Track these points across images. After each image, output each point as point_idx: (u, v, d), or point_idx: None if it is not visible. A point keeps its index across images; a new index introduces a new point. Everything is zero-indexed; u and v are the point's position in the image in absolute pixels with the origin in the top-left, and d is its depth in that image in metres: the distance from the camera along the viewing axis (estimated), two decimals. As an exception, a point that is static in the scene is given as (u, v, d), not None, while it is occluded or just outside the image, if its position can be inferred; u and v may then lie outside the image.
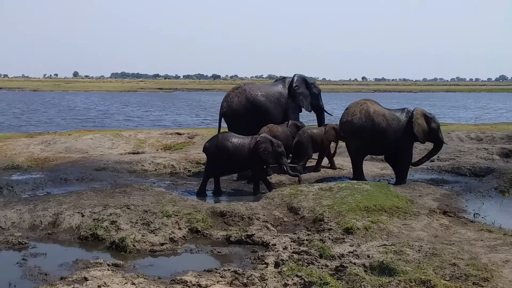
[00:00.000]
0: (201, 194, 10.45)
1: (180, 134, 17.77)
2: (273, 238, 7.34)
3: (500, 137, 17.27)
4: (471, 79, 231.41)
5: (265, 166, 10.98)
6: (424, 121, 11.29)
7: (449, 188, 11.00)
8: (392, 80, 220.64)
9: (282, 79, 13.58)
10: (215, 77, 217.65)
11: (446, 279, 5.51)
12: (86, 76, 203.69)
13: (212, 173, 10.68)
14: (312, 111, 13.80)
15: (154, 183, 11.35)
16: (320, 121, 13.90)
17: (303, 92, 13.19)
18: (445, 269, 5.79)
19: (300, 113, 13.52)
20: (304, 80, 13.32)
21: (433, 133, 11.47)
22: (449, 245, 6.73)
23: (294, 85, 12.98)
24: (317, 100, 13.60)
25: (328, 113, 14.53)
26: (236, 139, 10.60)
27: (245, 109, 12.52)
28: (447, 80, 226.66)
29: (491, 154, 14.61)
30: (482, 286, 5.35)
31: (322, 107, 13.92)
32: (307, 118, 17.20)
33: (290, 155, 12.44)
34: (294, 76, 13.27)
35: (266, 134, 10.85)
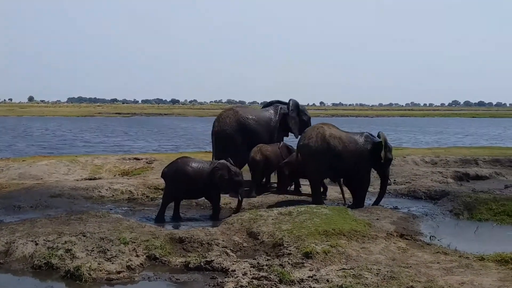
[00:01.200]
0: (159, 220, 10.31)
1: (138, 159, 17.55)
2: (233, 264, 7.28)
3: (454, 160, 17.72)
4: (425, 104, 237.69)
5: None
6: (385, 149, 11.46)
7: (405, 211, 11.18)
8: (349, 105, 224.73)
9: (274, 104, 14.06)
10: (174, 101, 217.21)
11: (404, 302, 5.55)
12: (42, 101, 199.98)
13: (171, 199, 10.57)
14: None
15: (111, 209, 11.15)
16: None
17: (295, 118, 13.73)
18: (403, 292, 5.84)
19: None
20: (296, 106, 13.88)
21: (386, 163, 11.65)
22: (407, 268, 6.81)
23: (290, 109, 13.56)
24: (306, 126, 13.72)
25: None
26: (196, 164, 10.54)
27: (235, 130, 13.01)
28: (403, 105, 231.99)
29: (446, 178, 14.97)
30: (439, 308, 5.42)
31: None
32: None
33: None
34: (290, 100, 13.82)
35: (225, 161, 10.75)
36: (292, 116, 13.66)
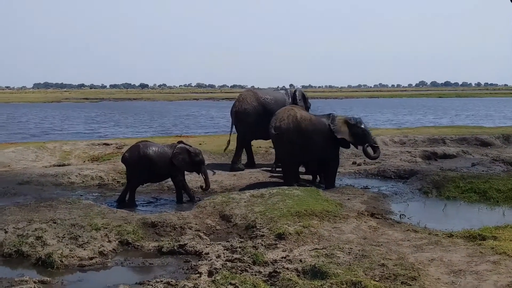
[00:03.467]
0: (131, 205, 10.23)
1: (108, 144, 17.37)
2: (206, 247, 7.29)
3: (422, 140, 18.01)
4: (393, 85, 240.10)
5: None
6: (346, 127, 11.55)
7: (376, 191, 11.33)
8: (319, 87, 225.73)
9: (283, 88, 14.96)
10: (143, 86, 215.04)
11: (376, 279, 5.65)
12: (7, 87, 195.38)
13: (137, 182, 10.50)
14: None
15: (81, 195, 11.02)
16: None
17: (303, 106, 14.10)
18: (375, 270, 5.94)
19: None
20: (303, 96, 14.61)
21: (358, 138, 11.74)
22: (378, 246, 6.92)
23: (298, 98, 14.34)
24: None
25: None
26: (156, 148, 10.51)
27: (255, 109, 13.99)
28: (371, 87, 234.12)
29: (414, 157, 15.21)
30: (410, 285, 5.53)
31: None
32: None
33: None
34: (296, 90, 14.65)
35: (183, 145, 10.79)
36: (301, 105, 14.06)
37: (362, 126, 11.71)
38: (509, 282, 5.46)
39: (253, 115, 13.97)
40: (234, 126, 14.39)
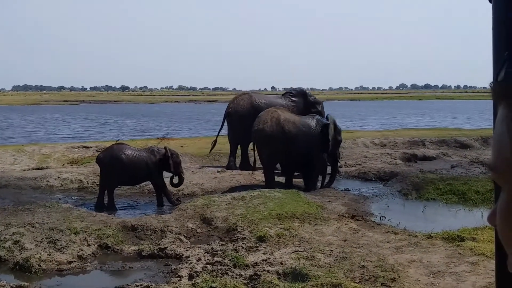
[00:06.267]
0: (111, 208, 10.15)
1: (87, 147, 17.21)
2: (187, 250, 7.26)
3: (402, 142, 18.15)
4: (373, 88, 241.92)
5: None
6: (333, 129, 11.62)
7: (356, 193, 11.38)
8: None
9: (286, 93, 15.14)
10: (124, 88, 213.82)
11: (356, 281, 5.67)
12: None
13: (114, 184, 10.42)
14: None
15: (60, 199, 10.90)
16: None
17: (300, 105, 14.35)
18: (355, 271, 5.96)
19: None
20: (303, 95, 14.74)
21: (337, 146, 11.86)
22: (358, 248, 6.94)
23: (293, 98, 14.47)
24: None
25: None
26: (131, 151, 10.46)
27: (248, 112, 13.94)
28: (352, 89, 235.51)
29: (394, 159, 15.32)
30: (390, 286, 5.56)
31: None
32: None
33: None
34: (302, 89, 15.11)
35: (161, 147, 10.90)
36: (295, 101, 14.38)
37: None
38: (487, 283, 5.52)
39: (246, 118, 13.84)
40: (222, 128, 14.52)
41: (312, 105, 14.66)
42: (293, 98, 14.50)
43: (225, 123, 14.77)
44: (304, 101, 14.59)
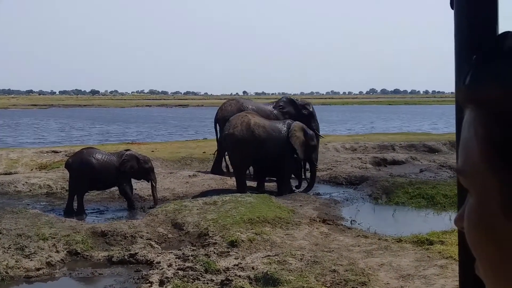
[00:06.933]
0: (80, 213, 10.02)
1: (57, 152, 16.94)
2: (158, 255, 7.20)
3: (372, 146, 18.34)
4: (344, 93, 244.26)
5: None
6: (302, 135, 11.69)
7: (327, 197, 11.45)
8: (272, 94, 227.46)
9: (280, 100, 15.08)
10: (94, 92, 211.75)
11: (327, 285, 5.71)
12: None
13: (84, 189, 10.29)
14: None
15: (28, 205, 10.70)
16: None
17: (289, 111, 14.33)
18: (326, 275, 6.00)
19: None
20: (288, 103, 14.65)
21: (309, 150, 11.91)
22: (329, 252, 6.99)
23: (279, 105, 14.44)
24: (307, 120, 14.26)
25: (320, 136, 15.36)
26: (101, 155, 10.35)
27: None
28: (323, 94, 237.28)
29: (365, 163, 15.46)
30: (360, 289, 5.60)
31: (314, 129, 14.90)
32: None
33: None
34: (282, 98, 15.11)
35: (132, 152, 10.71)
36: (284, 111, 14.28)
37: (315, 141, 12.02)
38: (456, 286, 5.60)
39: None
40: (217, 134, 14.37)
41: (303, 107, 14.65)
42: (284, 109, 14.42)
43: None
44: (294, 107, 14.55)
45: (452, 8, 0.73)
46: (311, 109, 14.45)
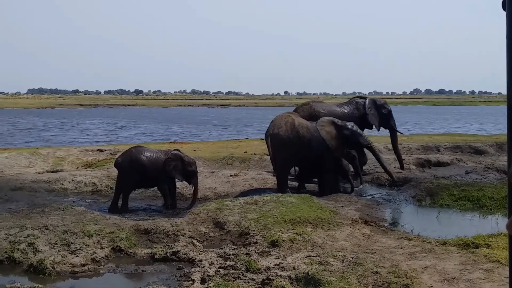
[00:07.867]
0: (124, 211, 10.19)
1: (101, 150, 17.32)
2: (199, 254, 7.26)
3: (416, 147, 18.04)
4: (387, 93, 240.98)
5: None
6: (333, 128, 11.63)
7: (370, 198, 11.33)
8: (314, 94, 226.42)
9: (353, 100, 14.85)
10: (138, 92, 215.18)
11: (369, 287, 5.64)
12: (1, 93, 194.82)
13: (130, 188, 10.45)
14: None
15: (74, 202, 10.96)
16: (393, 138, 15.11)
17: (374, 113, 14.42)
18: (368, 277, 5.92)
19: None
20: (372, 104, 14.60)
21: (352, 139, 11.87)
22: (371, 253, 6.91)
23: (368, 107, 14.27)
24: (386, 119, 14.78)
25: (400, 132, 15.71)
26: (150, 153, 10.47)
27: None
28: (366, 94, 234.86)
29: (408, 164, 15.23)
30: (403, 292, 5.51)
31: (394, 126, 15.11)
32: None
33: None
34: (366, 99, 14.67)
35: (178, 152, 10.74)
36: (371, 113, 14.34)
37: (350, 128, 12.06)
38: (502, 290, 5.46)
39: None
40: None
41: (383, 107, 14.81)
42: (372, 111, 14.42)
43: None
44: (375, 107, 14.62)
45: (504, 10, 0.71)
46: (389, 108, 14.77)
